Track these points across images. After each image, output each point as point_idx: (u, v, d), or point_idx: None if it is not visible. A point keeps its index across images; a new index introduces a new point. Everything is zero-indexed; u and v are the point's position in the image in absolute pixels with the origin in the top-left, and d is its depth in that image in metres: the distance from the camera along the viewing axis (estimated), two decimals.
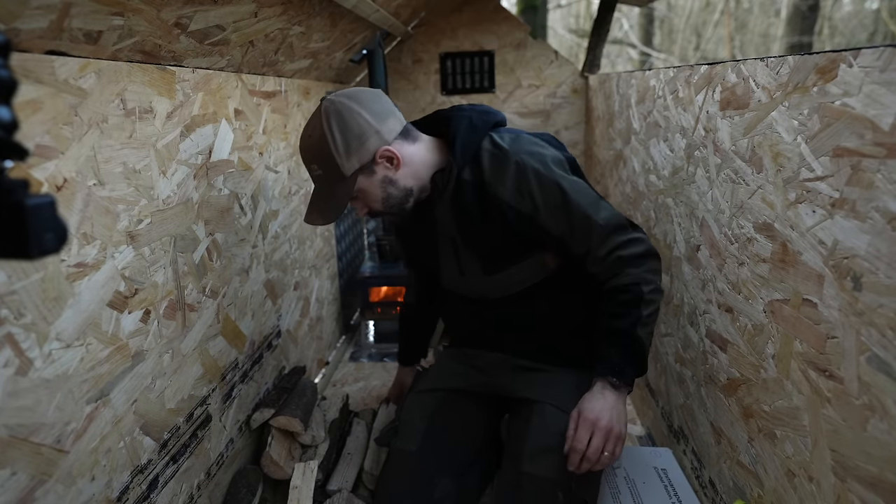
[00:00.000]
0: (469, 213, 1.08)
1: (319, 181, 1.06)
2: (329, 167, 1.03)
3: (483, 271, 1.14)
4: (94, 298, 0.78)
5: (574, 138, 2.48)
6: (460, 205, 1.09)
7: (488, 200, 1.05)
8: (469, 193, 1.07)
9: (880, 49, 0.61)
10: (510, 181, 1.03)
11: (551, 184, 1.02)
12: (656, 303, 1.04)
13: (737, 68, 0.94)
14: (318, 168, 1.04)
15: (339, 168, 1.03)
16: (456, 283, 1.22)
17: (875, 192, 0.62)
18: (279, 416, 1.30)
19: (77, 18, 0.68)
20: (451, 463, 1.16)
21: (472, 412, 1.25)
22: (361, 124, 1.02)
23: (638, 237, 1.05)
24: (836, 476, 0.70)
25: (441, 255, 1.19)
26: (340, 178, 1.04)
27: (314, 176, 1.06)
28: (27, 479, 0.67)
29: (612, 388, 1.00)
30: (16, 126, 0.37)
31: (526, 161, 1.03)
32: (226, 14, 0.96)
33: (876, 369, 0.63)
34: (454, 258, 1.17)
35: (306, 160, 1.06)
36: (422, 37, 2.43)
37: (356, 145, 1.02)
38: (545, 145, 1.09)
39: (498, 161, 1.05)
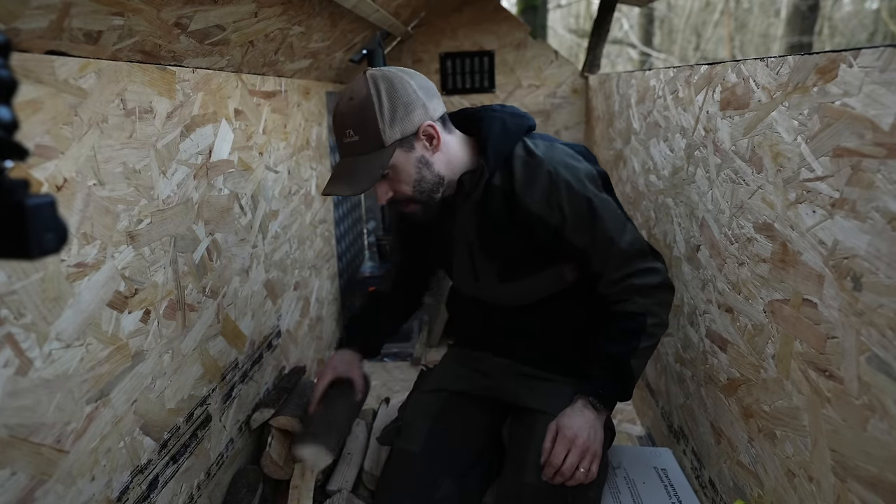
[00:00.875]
0: (494, 219, 1.06)
1: (350, 149, 0.97)
2: (367, 133, 0.96)
3: (499, 279, 1.13)
4: (94, 298, 0.78)
5: (574, 138, 2.48)
6: (486, 210, 1.07)
7: (517, 210, 1.04)
8: (497, 200, 1.05)
9: (880, 49, 0.61)
10: (540, 191, 1.02)
11: (581, 198, 1.01)
12: (657, 336, 1.06)
13: (737, 68, 0.94)
14: (353, 133, 0.96)
15: (380, 135, 0.96)
16: (469, 287, 1.21)
17: (875, 192, 0.62)
18: (279, 416, 1.30)
19: (77, 18, 0.68)
20: (452, 464, 1.16)
21: (474, 415, 1.24)
22: (410, 94, 0.97)
23: (655, 267, 1.05)
24: (835, 476, 0.70)
25: (456, 257, 1.17)
26: (378, 147, 0.96)
27: (346, 143, 0.97)
28: (27, 479, 0.67)
29: (593, 409, 1.05)
30: (16, 126, 0.37)
31: (560, 172, 1.02)
32: (226, 14, 0.96)
33: (876, 369, 0.63)
34: (469, 262, 1.15)
35: (340, 125, 0.98)
36: (422, 37, 2.43)
37: (402, 114, 0.96)
38: (580, 158, 1.07)
39: (531, 169, 1.03)
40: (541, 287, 1.13)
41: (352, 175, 0.97)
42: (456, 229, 1.12)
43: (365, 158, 0.97)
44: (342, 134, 0.98)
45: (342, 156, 1.00)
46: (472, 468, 1.19)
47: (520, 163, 1.04)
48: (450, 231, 1.14)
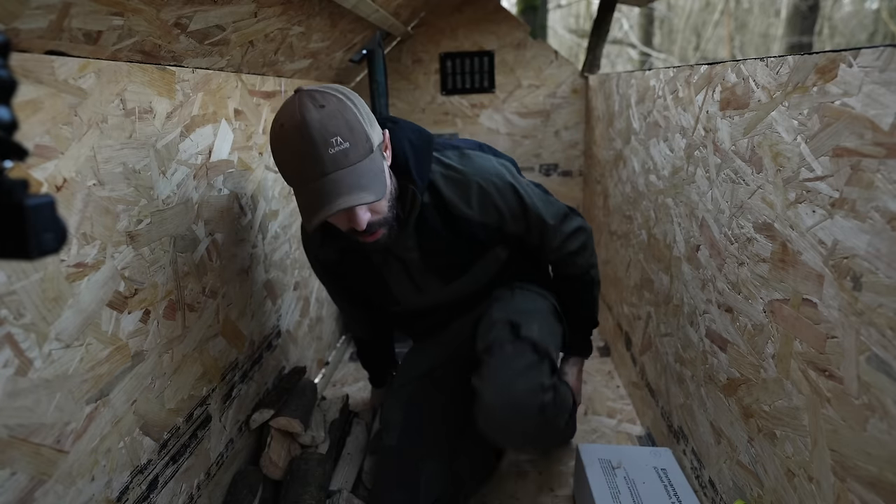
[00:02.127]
0: (435, 235, 1.08)
1: (343, 158, 0.85)
2: (357, 137, 0.86)
3: (443, 283, 1.20)
4: (94, 298, 0.78)
5: (574, 138, 2.48)
6: (424, 229, 1.07)
7: (456, 222, 1.08)
8: (432, 217, 1.07)
9: (880, 49, 0.61)
10: (475, 200, 1.07)
11: (509, 192, 1.09)
12: (598, 274, 1.30)
13: (737, 68, 0.94)
14: (342, 141, 0.85)
15: (368, 137, 0.88)
16: (412, 300, 1.25)
17: (875, 192, 0.62)
18: (279, 417, 1.30)
19: (77, 18, 0.68)
20: (431, 447, 1.20)
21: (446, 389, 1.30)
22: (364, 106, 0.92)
23: (578, 225, 1.21)
24: (835, 476, 0.70)
25: (390, 279, 1.17)
26: (369, 150, 0.88)
27: (335, 153, 0.84)
28: (27, 479, 0.67)
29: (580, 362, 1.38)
30: (15, 126, 0.37)
31: (486, 179, 1.07)
32: (226, 14, 0.96)
33: (876, 369, 0.63)
34: (407, 279, 1.18)
35: (321, 134, 0.84)
36: (422, 37, 2.43)
37: (370, 119, 0.90)
38: (489, 157, 1.10)
39: (457, 183, 1.06)
40: (482, 274, 1.22)
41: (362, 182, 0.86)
42: (395, 252, 1.12)
43: (364, 165, 0.87)
44: (326, 144, 0.84)
45: (329, 169, 0.85)
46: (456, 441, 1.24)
47: (441, 179, 1.06)
48: (383, 256, 1.13)
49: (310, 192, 0.86)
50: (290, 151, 0.86)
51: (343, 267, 1.19)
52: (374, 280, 1.19)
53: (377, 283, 1.19)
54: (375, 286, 1.21)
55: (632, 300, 1.63)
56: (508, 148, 2.49)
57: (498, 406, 1.01)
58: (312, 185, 0.85)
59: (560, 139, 2.47)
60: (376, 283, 1.20)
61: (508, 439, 1.07)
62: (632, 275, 1.63)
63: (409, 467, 1.16)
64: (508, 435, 1.04)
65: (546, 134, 2.48)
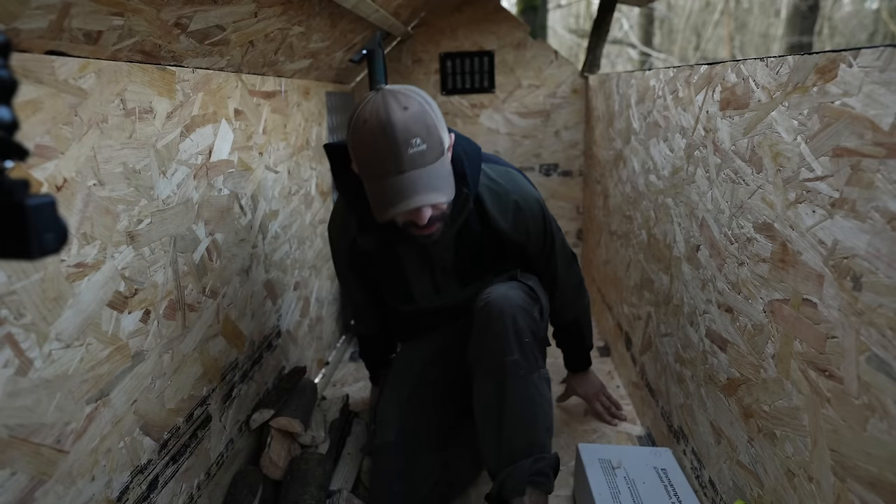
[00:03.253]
0: (472, 241, 1.19)
1: (420, 159, 0.92)
2: (434, 140, 0.94)
3: (460, 284, 1.27)
4: (94, 298, 0.78)
5: (574, 138, 2.48)
6: (465, 233, 1.18)
7: (490, 230, 1.19)
8: (473, 223, 1.18)
9: (880, 49, 0.61)
10: (511, 216, 1.19)
11: (540, 218, 1.23)
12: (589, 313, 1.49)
13: (737, 68, 0.94)
14: (421, 142, 0.92)
15: (442, 141, 0.96)
16: (428, 300, 1.31)
17: (875, 192, 0.62)
18: (279, 417, 1.30)
19: (77, 18, 0.68)
20: (428, 439, 1.22)
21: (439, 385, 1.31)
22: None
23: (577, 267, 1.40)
24: (835, 476, 0.70)
25: (412, 277, 1.25)
26: (441, 152, 0.96)
27: (413, 154, 0.91)
28: (27, 479, 0.67)
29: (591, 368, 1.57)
30: (16, 126, 0.37)
31: (524, 200, 1.20)
32: (226, 14, 0.96)
33: (876, 369, 0.63)
34: (429, 279, 1.26)
35: (404, 134, 0.91)
36: (422, 37, 2.43)
37: (442, 123, 0.98)
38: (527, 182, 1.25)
39: (499, 197, 1.18)
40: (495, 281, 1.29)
41: (435, 183, 0.93)
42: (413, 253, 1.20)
43: (437, 166, 0.95)
44: (406, 144, 0.91)
45: (406, 168, 0.92)
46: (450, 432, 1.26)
47: (486, 190, 1.17)
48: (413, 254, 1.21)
49: (386, 186, 0.94)
50: (371, 147, 0.93)
51: (370, 260, 1.24)
52: (397, 276, 1.24)
53: (398, 279, 1.25)
54: (396, 282, 1.26)
55: (632, 300, 1.63)
56: (508, 148, 2.49)
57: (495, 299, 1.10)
58: (389, 180, 0.93)
59: (560, 139, 2.47)
60: (397, 280, 1.25)
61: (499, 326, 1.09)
62: (632, 275, 1.63)
63: (407, 461, 1.18)
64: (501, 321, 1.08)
65: (546, 134, 2.48)
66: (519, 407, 1.09)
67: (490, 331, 1.09)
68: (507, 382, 1.08)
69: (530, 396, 1.10)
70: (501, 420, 1.09)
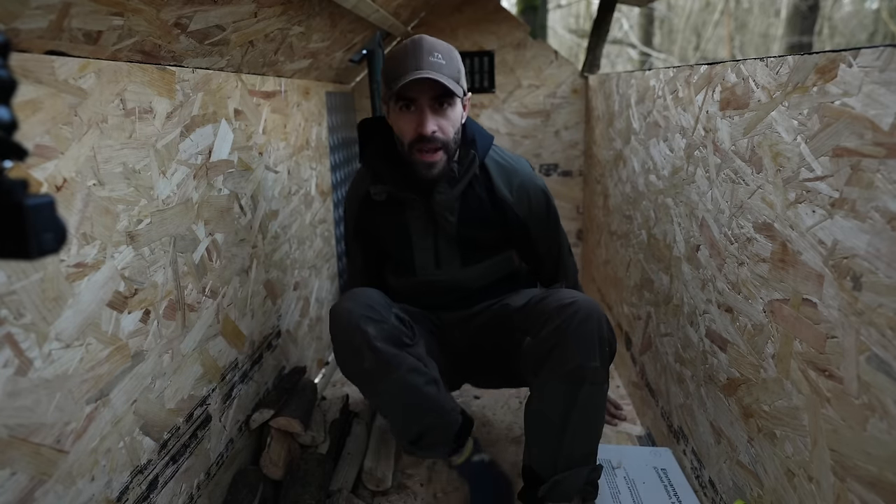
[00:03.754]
0: (476, 205, 1.23)
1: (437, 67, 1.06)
2: (454, 67, 1.09)
3: (462, 263, 1.28)
4: (94, 298, 0.78)
5: (574, 138, 2.48)
6: (470, 196, 1.22)
7: (495, 198, 1.24)
8: (479, 189, 1.23)
9: (880, 49, 0.61)
10: (515, 189, 1.25)
11: (542, 196, 1.29)
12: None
13: (736, 68, 0.94)
14: (441, 58, 1.07)
15: (461, 76, 1.12)
16: (429, 273, 1.30)
17: (875, 192, 0.62)
18: (279, 417, 1.30)
19: (77, 18, 0.68)
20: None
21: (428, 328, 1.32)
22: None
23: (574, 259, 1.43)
24: (835, 476, 0.70)
25: (416, 247, 1.27)
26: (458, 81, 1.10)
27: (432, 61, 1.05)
28: (27, 479, 0.67)
29: None
30: (15, 126, 0.37)
31: (528, 178, 1.27)
32: (226, 14, 0.96)
33: (875, 369, 0.63)
34: (432, 251, 1.27)
35: (428, 47, 1.06)
36: None
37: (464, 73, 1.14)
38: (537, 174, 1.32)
39: (505, 171, 1.25)
40: (495, 269, 1.33)
41: (445, 79, 1.04)
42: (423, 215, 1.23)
43: (449, 80, 1.06)
44: (428, 53, 1.05)
45: (424, 66, 1.04)
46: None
47: (493, 164, 1.25)
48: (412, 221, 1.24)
49: (404, 75, 1.04)
50: (399, 53, 1.07)
51: (380, 219, 1.28)
52: (401, 242, 1.27)
53: (403, 246, 1.28)
54: (401, 248, 1.28)
55: (632, 300, 1.63)
56: (508, 148, 2.48)
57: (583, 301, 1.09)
58: (408, 74, 1.04)
59: (560, 139, 2.47)
60: (402, 246, 1.28)
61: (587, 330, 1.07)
62: (632, 275, 1.63)
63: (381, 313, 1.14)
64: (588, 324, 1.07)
65: (546, 134, 2.48)
66: (588, 414, 1.07)
67: (577, 333, 1.05)
68: (583, 388, 1.04)
69: (599, 405, 1.08)
70: (567, 425, 1.06)
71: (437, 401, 1.15)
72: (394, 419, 1.17)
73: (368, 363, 1.08)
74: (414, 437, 1.17)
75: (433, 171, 1.13)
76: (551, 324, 1.08)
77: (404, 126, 1.10)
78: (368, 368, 1.08)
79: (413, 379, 1.10)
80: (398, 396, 1.11)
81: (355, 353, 1.09)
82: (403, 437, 1.18)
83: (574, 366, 1.04)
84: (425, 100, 1.07)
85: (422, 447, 1.19)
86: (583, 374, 1.03)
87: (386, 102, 1.14)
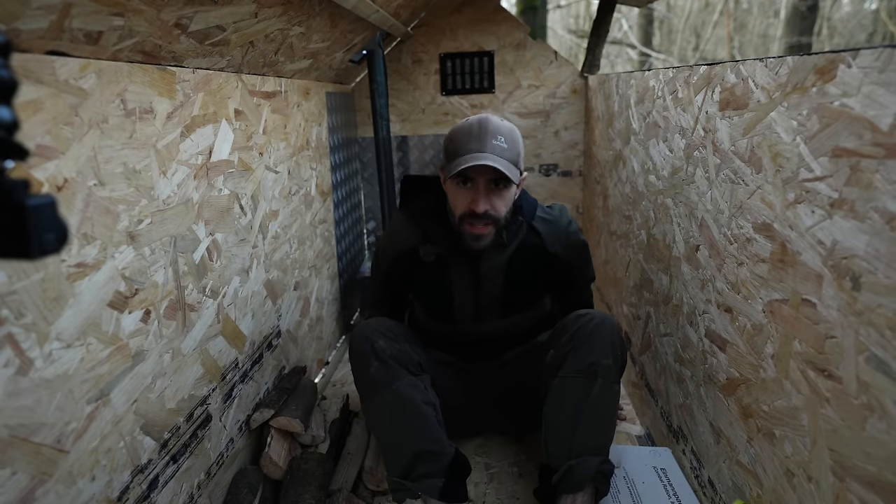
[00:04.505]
0: (523, 263, 1.28)
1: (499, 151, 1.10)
2: (515, 150, 1.14)
3: (500, 315, 1.33)
4: (95, 298, 0.78)
5: (573, 138, 2.48)
6: (517, 258, 1.27)
7: (547, 254, 1.29)
8: (528, 249, 1.28)
9: (879, 49, 0.61)
10: (563, 238, 1.31)
11: (583, 247, 1.37)
12: None
13: (736, 69, 0.94)
14: (505, 142, 1.12)
15: (520, 159, 1.17)
16: (467, 324, 1.36)
17: (874, 193, 0.62)
18: (279, 417, 1.30)
19: (77, 19, 0.69)
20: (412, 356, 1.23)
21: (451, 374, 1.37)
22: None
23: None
24: (834, 476, 0.71)
25: (456, 302, 1.32)
26: (517, 164, 1.15)
27: (495, 144, 1.11)
28: (27, 478, 0.67)
29: None
30: (16, 126, 0.37)
31: (573, 228, 1.34)
32: (226, 14, 0.96)
33: (875, 369, 0.63)
34: (472, 306, 1.32)
35: (494, 130, 1.12)
36: (421, 37, 2.43)
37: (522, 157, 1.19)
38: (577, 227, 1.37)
39: (552, 224, 1.31)
40: (530, 318, 1.39)
41: (504, 164, 1.09)
42: (481, 271, 1.28)
43: (508, 165, 1.11)
44: (492, 136, 1.11)
45: (487, 150, 1.10)
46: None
47: (541, 223, 1.30)
48: (463, 278, 1.29)
49: (466, 155, 1.11)
50: (464, 132, 1.13)
51: (419, 272, 1.32)
52: (443, 296, 1.32)
53: (444, 298, 1.32)
54: (440, 300, 1.33)
55: (631, 300, 1.63)
56: None
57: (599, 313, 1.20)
58: (470, 155, 1.10)
59: (560, 139, 2.48)
60: (443, 299, 1.33)
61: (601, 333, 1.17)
62: (631, 275, 1.63)
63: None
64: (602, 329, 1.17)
65: (546, 134, 2.48)
66: (600, 407, 1.13)
67: (592, 336, 1.16)
68: (596, 382, 1.13)
69: (611, 401, 1.15)
70: (580, 415, 1.13)
71: (432, 421, 1.17)
72: (388, 439, 1.17)
73: (374, 369, 1.15)
74: (406, 463, 1.14)
75: (480, 244, 1.19)
76: (568, 332, 1.19)
77: (458, 200, 1.16)
78: (373, 375, 1.15)
79: (411, 393, 1.15)
80: (395, 408, 1.15)
81: (364, 360, 1.17)
82: (396, 465, 1.15)
83: (588, 363, 1.13)
84: (482, 180, 1.12)
85: (414, 478, 1.14)
86: (595, 370, 1.13)
87: (442, 170, 1.19)
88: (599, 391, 1.13)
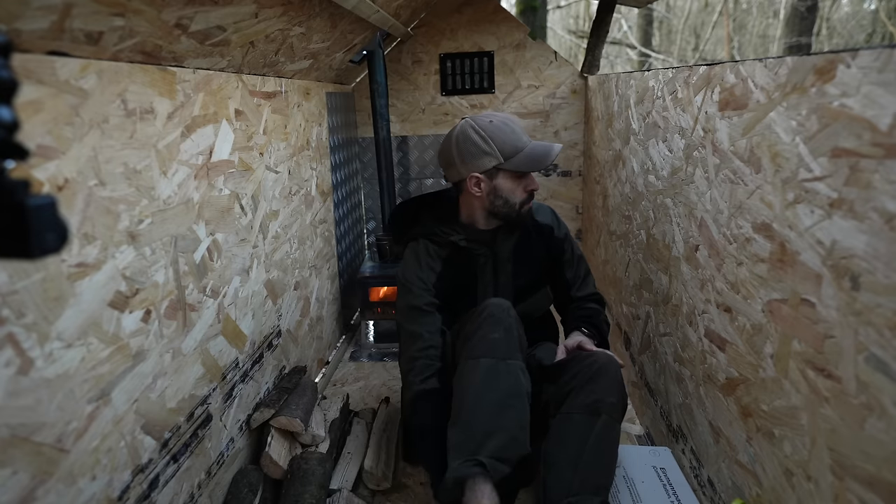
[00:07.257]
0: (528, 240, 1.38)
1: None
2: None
3: (515, 300, 1.34)
4: (95, 298, 0.78)
5: (573, 139, 2.48)
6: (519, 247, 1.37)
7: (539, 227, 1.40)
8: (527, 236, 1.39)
9: (878, 50, 0.61)
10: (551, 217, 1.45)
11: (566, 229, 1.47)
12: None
13: (735, 69, 0.94)
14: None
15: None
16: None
17: (873, 193, 0.62)
18: (279, 417, 1.30)
19: (78, 19, 0.69)
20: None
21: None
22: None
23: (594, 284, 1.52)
24: (834, 475, 0.71)
25: (479, 286, 1.38)
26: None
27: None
28: (28, 478, 0.67)
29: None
30: (17, 126, 0.37)
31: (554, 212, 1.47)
32: (226, 15, 0.97)
33: (874, 369, 0.63)
34: (492, 289, 1.38)
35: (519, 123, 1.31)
36: (421, 37, 2.44)
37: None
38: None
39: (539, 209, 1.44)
40: (537, 306, 1.45)
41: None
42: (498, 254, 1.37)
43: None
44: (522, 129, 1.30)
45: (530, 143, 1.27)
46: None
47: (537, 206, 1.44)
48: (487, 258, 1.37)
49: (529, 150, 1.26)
50: (505, 131, 1.25)
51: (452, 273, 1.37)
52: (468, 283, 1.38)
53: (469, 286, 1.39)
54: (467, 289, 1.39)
55: (631, 300, 1.64)
56: None
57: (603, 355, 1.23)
58: (528, 146, 1.26)
59: (559, 139, 2.48)
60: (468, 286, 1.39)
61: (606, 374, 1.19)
62: (631, 275, 1.63)
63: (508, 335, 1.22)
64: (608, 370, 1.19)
65: (545, 134, 2.48)
66: (603, 447, 1.12)
67: (597, 374, 1.17)
68: (600, 419, 1.12)
69: (614, 440, 1.14)
70: (583, 453, 1.11)
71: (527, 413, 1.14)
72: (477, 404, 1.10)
73: (498, 335, 1.17)
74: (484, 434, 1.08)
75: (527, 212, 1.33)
76: (570, 371, 1.21)
77: (517, 190, 1.28)
78: (495, 340, 1.17)
79: (521, 377, 1.16)
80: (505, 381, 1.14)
81: (493, 322, 1.19)
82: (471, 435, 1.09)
83: (593, 399, 1.14)
84: None
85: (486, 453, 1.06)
86: (600, 407, 1.13)
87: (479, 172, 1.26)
88: (603, 428, 1.12)
